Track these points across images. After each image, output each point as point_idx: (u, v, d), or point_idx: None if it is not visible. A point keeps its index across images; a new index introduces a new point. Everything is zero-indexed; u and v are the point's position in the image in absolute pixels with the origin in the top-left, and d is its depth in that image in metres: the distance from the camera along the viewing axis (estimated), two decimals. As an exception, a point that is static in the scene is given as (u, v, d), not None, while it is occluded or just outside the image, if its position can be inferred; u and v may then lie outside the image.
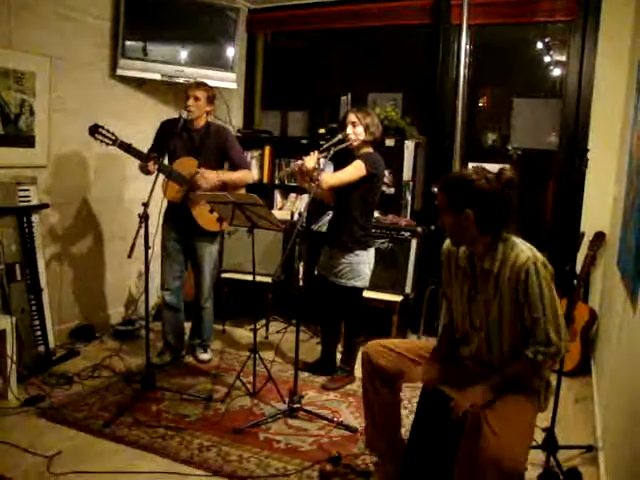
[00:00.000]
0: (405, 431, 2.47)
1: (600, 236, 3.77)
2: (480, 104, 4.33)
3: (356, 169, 3.20)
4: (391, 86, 4.68)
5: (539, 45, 4.30)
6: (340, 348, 3.60)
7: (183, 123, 3.26)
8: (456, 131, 4.15)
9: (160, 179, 3.16)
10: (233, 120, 4.92)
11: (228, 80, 4.44)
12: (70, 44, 3.69)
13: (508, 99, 4.31)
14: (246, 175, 3.53)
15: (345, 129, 3.25)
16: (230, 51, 4.44)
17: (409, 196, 4.33)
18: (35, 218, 3.43)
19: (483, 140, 4.40)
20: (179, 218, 3.43)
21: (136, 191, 3.99)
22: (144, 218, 2.85)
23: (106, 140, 3.20)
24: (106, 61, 4.00)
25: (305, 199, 4.35)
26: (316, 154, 3.13)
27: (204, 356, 3.69)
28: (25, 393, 3.02)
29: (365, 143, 3.28)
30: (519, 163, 4.19)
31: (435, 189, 2.04)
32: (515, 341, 2.01)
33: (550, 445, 2.55)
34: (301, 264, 3.07)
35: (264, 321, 4.31)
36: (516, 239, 2.01)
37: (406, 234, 4.08)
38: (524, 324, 1.97)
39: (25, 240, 3.33)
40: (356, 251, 3.28)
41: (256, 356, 3.21)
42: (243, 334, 4.25)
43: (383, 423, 2.32)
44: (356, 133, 3.24)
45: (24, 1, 3.39)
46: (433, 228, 4.12)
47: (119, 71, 4.02)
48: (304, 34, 5.05)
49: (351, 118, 3.25)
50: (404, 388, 2.41)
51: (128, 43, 4.02)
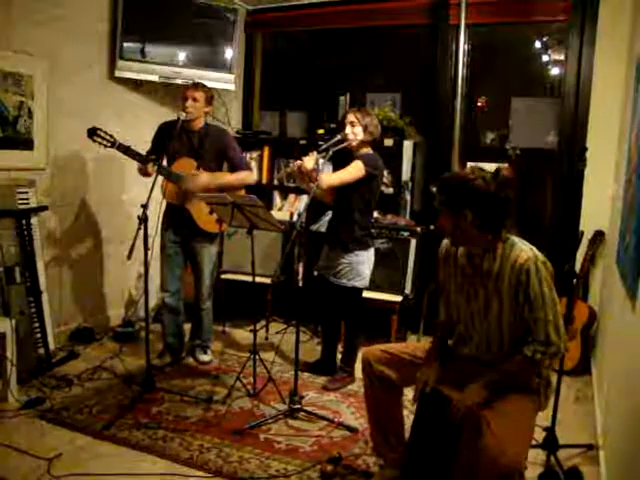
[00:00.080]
0: (405, 432, 2.46)
1: (599, 235, 3.78)
2: (478, 104, 4.33)
3: (355, 170, 3.20)
4: (390, 86, 4.67)
5: (537, 44, 4.31)
6: (340, 348, 3.60)
7: (181, 124, 3.26)
8: (455, 131, 4.16)
9: (159, 181, 3.16)
10: (232, 121, 4.92)
11: (226, 81, 4.44)
12: (68, 46, 3.69)
13: (506, 99, 4.30)
14: (246, 177, 3.51)
15: (344, 129, 3.25)
16: (228, 52, 4.44)
17: (408, 196, 4.33)
18: (34, 220, 3.43)
19: (482, 140, 4.40)
20: (178, 219, 3.43)
21: (135, 193, 3.99)
22: (143, 220, 2.84)
23: (105, 142, 3.20)
24: (104, 63, 4.00)
25: (304, 200, 4.34)
26: (315, 154, 3.13)
27: (204, 357, 3.68)
28: (25, 395, 3.01)
29: (364, 143, 3.28)
30: (518, 163, 4.18)
31: (434, 189, 2.04)
32: (514, 340, 2.01)
33: (551, 444, 2.56)
34: (300, 264, 3.07)
35: (264, 322, 4.31)
36: (516, 239, 2.01)
37: (405, 234, 4.08)
38: (523, 323, 1.97)
39: (24, 242, 3.33)
40: (356, 251, 3.28)
41: (256, 357, 3.21)
42: (243, 335, 4.25)
43: (386, 427, 2.31)
44: (355, 133, 3.24)
45: (22, 3, 3.39)
46: (432, 228, 4.11)
47: (117, 73, 4.02)
48: (302, 35, 5.05)
49: (350, 118, 3.26)
50: (405, 389, 2.41)
51: (126, 44, 4.02)
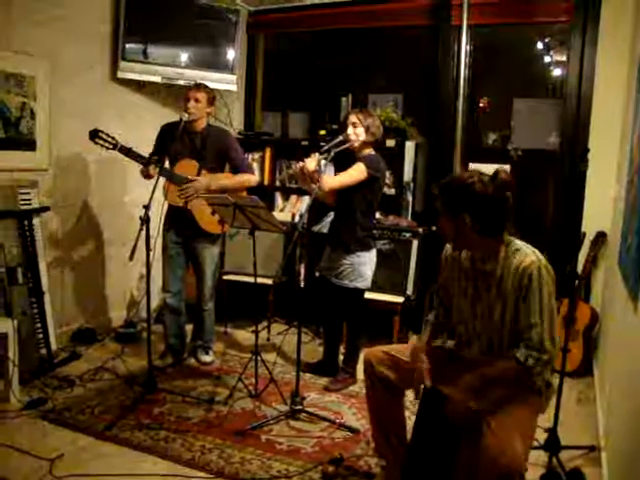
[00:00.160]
0: (407, 433, 2.46)
1: (601, 236, 3.77)
2: (480, 104, 4.33)
3: (357, 171, 3.20)
4: (392, 87, 4.67)
5: (539, 45, 4.30)
6: (342, 349, 3.60)
7: (184, 126, 3.25)
8: (456, 132, 4.16)
9: (161, 182, 3.17)
10: (234, 122, 4.92)
11: (228, 82, 4.44)
12: (69, 46, 3.69)
13: (508, 99, 4.30)
14: (247, 179, 3.48)
15: (346, 130, 3.25)
16: (230, 53, 4.45)
17: (410, 197, 4.32)
18: (36, 221, 3.44)
19: (484, 140, 4.39)
20: (180, 220, 3.42)
21: (137, 195, 3.99)
22: (145, 221, 2.85)
23: (106, 145, 3.21)
24: (106, 64, 4.01)
25: (306, 201, 4.34)
26: (317, 156, 3.13)
27: (206, 358, 3.69)
28: (27, 396, 3.02)
29: (366, 144, 3.28)
30: (520, 163, 4.18)
31: (435, 192, 2.03)
32: (516, 343, 2.00)
33: (552, 445, 2.55)
34: (302, 265, 3.07)
35: (266, 323, 4.31)
36: (518, 241, 2.00)
37: (407, 235, 4.08)
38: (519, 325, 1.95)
39: (26, 243, 3.34)
40: (358, 252, 3.28)
41: (258, 358, 3.22)
42: (245, 336, 4.25)
43: (388, 428, 2.31)
44: (357, 134, 3.24)
45: (23, 3, 3.40)
46: (434, 229, 4.11)
47: (119, 74, 4.03)
48: (304, 36, 5.05)
49: (352, 119, 3.25)
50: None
51: (128, 45, 4.03)
